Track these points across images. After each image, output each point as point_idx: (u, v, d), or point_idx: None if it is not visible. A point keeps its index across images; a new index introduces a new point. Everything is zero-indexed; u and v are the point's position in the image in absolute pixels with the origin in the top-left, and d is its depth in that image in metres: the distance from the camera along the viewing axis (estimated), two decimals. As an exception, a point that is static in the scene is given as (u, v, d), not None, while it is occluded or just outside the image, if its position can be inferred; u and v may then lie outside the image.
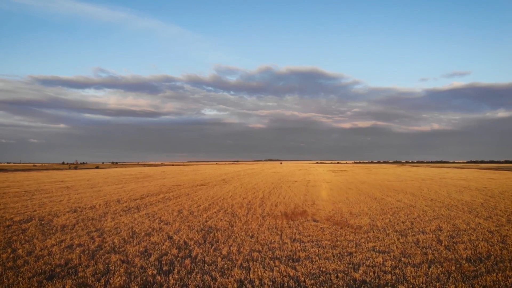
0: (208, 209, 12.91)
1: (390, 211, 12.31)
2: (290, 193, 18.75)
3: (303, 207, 13.30)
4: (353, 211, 12.40)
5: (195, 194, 18.41)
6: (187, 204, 14.22)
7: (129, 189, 22.24)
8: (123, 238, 8.08)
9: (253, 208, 12.98)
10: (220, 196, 17.59)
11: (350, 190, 20.59)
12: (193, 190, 21.21)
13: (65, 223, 10.20)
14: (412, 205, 14.08)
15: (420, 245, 7.51)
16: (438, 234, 8.68)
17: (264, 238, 8.05)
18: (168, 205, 14.15)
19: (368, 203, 14.62)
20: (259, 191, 19.93)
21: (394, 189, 21.31)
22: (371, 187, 22.74)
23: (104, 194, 18.66)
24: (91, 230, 9.10)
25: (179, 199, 16.34)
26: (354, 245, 7.49)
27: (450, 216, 11.35)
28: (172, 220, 10.40)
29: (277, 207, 13.40)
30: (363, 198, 16.57)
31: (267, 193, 19.10)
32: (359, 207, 13.40)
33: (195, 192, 19.91)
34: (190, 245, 7.45)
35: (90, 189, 22.11)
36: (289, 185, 24.74)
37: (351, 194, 18.46)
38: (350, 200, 15.73)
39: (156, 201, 15.40)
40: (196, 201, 15.44)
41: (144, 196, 17.50)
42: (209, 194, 18.38)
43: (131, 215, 11.50)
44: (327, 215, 11.40)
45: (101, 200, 15.83)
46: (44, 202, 15.61)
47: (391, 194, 18.18)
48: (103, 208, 13.39)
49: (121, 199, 16.38)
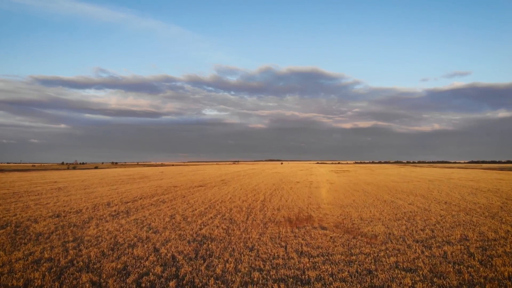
0: (204, 214, 11.77)
1: (405, 216, 11.16)
2: (293, 196, 17.60)
3: (308, 212, 12.14)
4: (364, 216, 11.25)
5: (191, 197, 17.27)
6: (182, 208, 13.08)
7: (123, 190, 21.12)
8: (101, 251, 6.93)
9: (254, 213, 11.84)
10: (218, 198, 16.45)
11: (356, 192, 19.43)
12: (190, 192, 20.07)
13: (42, 231, 9.07)
14: (426, 209, 12.92)
15: (450, 260, 6.36)
16: (467, 245, 7.52)
17: (266, 251, 6.90)
18: (161, 209, 13.01)
19: (378, 206, 13.47)
20: (259, 193, 18.79)
21: (403, 191, 20.15)
22: (377, 189, 21.58)
23: (95, 196, 17.54)
24: (68, 240, 7.97)
25: (173, 202, 15.21)
26: (372, 260, 6.34)
27: (473, 222, 10.19)
28: (162, 228, 9.26)
29: (280, 211, 12.25)
30: (372, 201, 15.41)
31: (268, 195, 17.96)
32: (370, 211, 12.25)
33: (192, 194, 18.77)
34: (179, 260, 6.30)
35: (82, 191, 20.99)
36: (291, 187, 23.60)
37: (358, 196, 17.30)
38: (358, 203, 14.58)
39: (148, 204, 14.26)
40: (192, 204, 14.30)
41: (137, 199, 16.37)
42: (206, 197, 17.24)
43: (118, 221, 10.36)
44: (335, 221, 10.25)
45: (90, 203, 14.70)
46: (29, 205, 14.49)
47: (401, 197, 17.02)
48: (89, 212, 12.26)
49: (112, 202, 15.25)
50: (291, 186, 23.80)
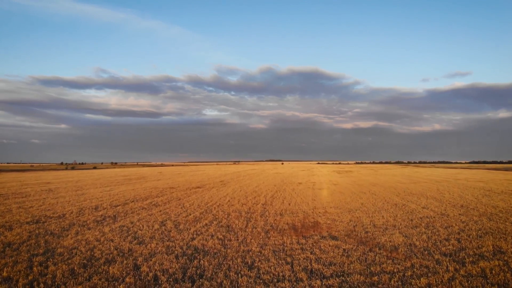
0: (198, 219, 10.63)
1: (422, 223, 10.00)
2: (296, 198, 16.45)
3: (314, 217, 10.99)
4: (377, 222, 10.10)
5: (187, 199, 16.13)
6: (175, 213, 11.94)
7: (116, 192, 19.99)
8: (71, 269, 5.80)
9: (254, 218, 10.70)
10: (216, 201, 15.31)
11: (363, 194, 18.27)
12: (186, 193, 18.93)
13: (13, 240, 7.95)
14: (443, 213, 11.77)
15: (493, 282, 5.22)
16: (504, 259, 6.38)
17: (268, 269, 5.75)
18: (152, 213, 11.87)
19: (390, 211, 12.31)
20: (260, 196, 17.64)
21: (412, 193, 18.98)
22: (385, 190, 20.42)
23: (85, 199, 16.42)
24: (38, 253, 6.84)
25: (167, 205, 14.07)
26: (399, 282, 5.20)
27: (500, 229, 9.04)
28: (149, 237, 8.12)
29: (283, 217, 11.10)
30: (382, 204, 14.26)
31: (269, 197, 16.81)
32: (382, 216, 11.10)
33: (188, 196, 17.63)
34: (161, 282, 5.16)
35: (73, 192, 19.88)
36: (293, 188, 22.45)
37: (366, 199, 16.14)
38: (367, 206, 13.43)
39: (139, 208, 13.13)
40: (187, 208, 13.16)
41: (128, 202, 15.24)
42: (203, 199, 16.10)
43: (102, 229, 9.22)
44: (346, 229, 9.11)
45: (76, 207, 13.58)
46: (11, 208, 13.38)
47: (412, 199, 15.86)
48: (73, 217, 11.13)
49: (100, 205, 14.12)
50: (293, 188, 22.65)
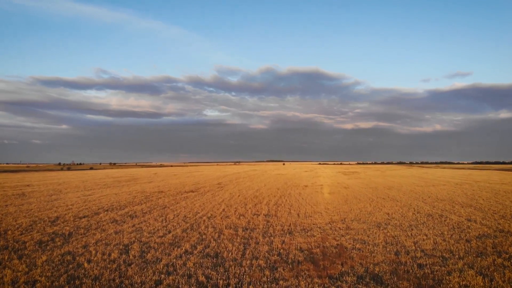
0: (178, 241, 7.85)
1: (487, 246, 7.22)
2: (305, 206, 13.66)
3: (336, 237, 8.21)
4: (423, 245, 7.33)
5: (173, 208, 13.36)
6: (150, 230, 9.17)
7: (95, 197, 17.25)
8: None
9: (254, 240, 7.92)
10: (208, 210, 12.54)
11: (384, 201, 15.48)
12: (175, 200, 16.16)
13: None
14: (501, 229, 8.99)
15: None
16: None
17: None
18: (120, 230, 9.11)
19: (429, 225, 9.52)
20: (262, 202, 14.86)
21: (438, 198, 16.18)
22: (405, 195, 17.62)
23: (52, 207, 13.68)
24: None
25: (146, 216, 11.30)
26: None
27: None
28: (92, 279, 5.34)
29: (293, 236, 8.31)
30: (412, 214, 11.48)
31: (273, 205, 14.03)
32: (425, 235, 8.31)
33: (176, 203, 14.86)
34: None
35: (45, 198, 17.14)
36: (299, 192, 19.66)
37: (390, 207, 13.36)
38: (397, 219, 10.64)
39: (109, 221, 10.37)
40: (169, 221, 10.39)
41: (101, 211, 12.48)
42: (193, 208, 13.33)
43: (35, 258, 6.46)
44: (387, 259, 6.33)
45: (32, 218, 10.82)
46: (-49, 220, 10.66)
47: (445, 207, 13.06)
48: (14, 235, 8.38)
49: (63, 216, 11.37)
50: (300, 192, 19.86)
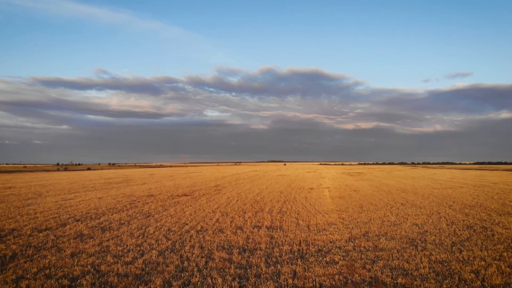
0: (148, 273, 5.78)
1: None
2: (315, 215, 11.57)
3: (366, 264, 6.12)
4: (487, 276, 5.25)
5: (159, 217, 11.29)
6: (118, 251, 7.09)
7: (74, 202, 15.22)
8: None
9: (254, 271, 5.85)
10: (199, 221, 10.48)
11: (404, 207, 13.39)
12: (163, 206, 14.09)
13: None
14: None
15: None
16: None
17: None
18: (81, 249, 7.04)
19: (477, 243, 7.43)
20: (264, 210, 12.77)
21: (465, 204, 14.08)
22: (425, 200, 15.51)
23: (17, 214, 11.65)
24: None
25: (122, 229, 9.24)
26: None
27: None
28: None
29: (308, 265, 6.22)
30: (446, 226, 9.40)
31: (276, 213, 11.96)
32: (479, 258, 6.23)
33: (164, 210, 12.80)
34: None
35: (19, 202, 15.12)
36: (305, 196, 17.58)
37: (415, 215, 11.26)
38: (431, 232, 8.55)
39: (73, 236, 8.31)
40: (146, 237, 8.32)
41: (70, 221, 10.43)
42: (181, 216, 11.26)
43: None
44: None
45: (-20, 232, 8.78)
46: None
47: (481, 216, 10.96)
48: None
49: (21, 228, 9.32)
50: (305, 196, 17.77)
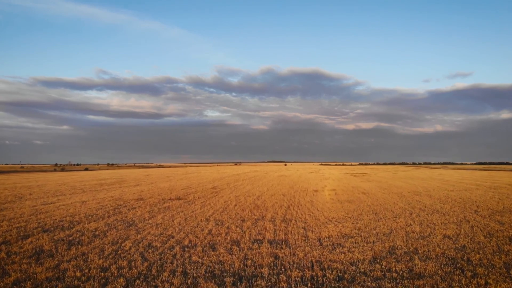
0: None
1: None
2: (326, 224, 9.90)
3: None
4: None
5: (142, 226, 9.63)
6: (72, 281, 5.44)
7: (52, 207, 13.60)
8: None
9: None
10: (188, 232, 8.82)
11: (424, 213, 11.73)
12: (152, 212, 12.44)
13: None
14: None
15: None
16: None
17: None
18: (29, 275, 5.39)
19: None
20: (265, 217, 11.11)
21: (492, 209, 12.44)
22: (446, 205, 13.84)
23: (-22, 224, 10.01)
24: None
25: (93, 244, 7.59)
26: None
27: None
28: None
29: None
30: (485, 238, 7.76)
31: (280, 221, 10.30)
32: None
33: (151, 217, 11.14)
34: None
35: (-9, 208, 13.51)
36: (310, 200, 15.92)
37: (441, 224, 9.60)
38: (471, 247, 6.90)
39: (27, 255, 6.67)
40: (119, 256, 6.66)
41: (36, 232, 8.80)
42: (168, 226, 9.60)
43: None
44: None
45: None
46: None
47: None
48: None
49: (-29, 242, 7.67)
50: (311, 199, 16.11)
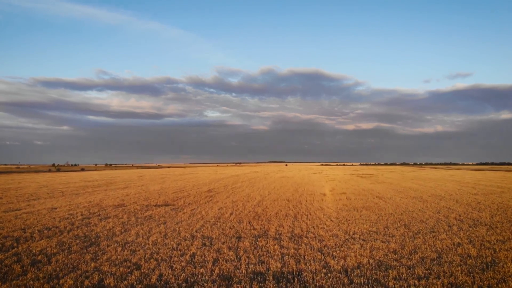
0: None
1: None
2: (349, 245, 7.52)
3: None
4: None
5: (104, 246, 7.28)
6: None
7: (14, 216, 11.29)
8: None
9: None
10: (160, 260, 6.47)
11: (464, 224, 9.39)
12: (126, 224, 10.10)
13: None
14: None
15: None
16: None
17: None
18: None
19: None
20: (268, 233, 8.75)
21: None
22: (481, 212, 11.49)
23: None
24: None
25: (16, 282, 5.25)
26: None
27: None
28: None
29: None
30: None
31: (288, 238, 7.94)
32: None
33: (122, 232, 8.81)
34: None
35: None
36: (320, 206, 13.57)
37: (496, 240, 7.25)
38: None
39: None
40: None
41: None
42: (138, 249, 7.25)
43: None
44: None
45: None
46: None
47: None
48: None
49: None
50: (320, 205, 13.75)
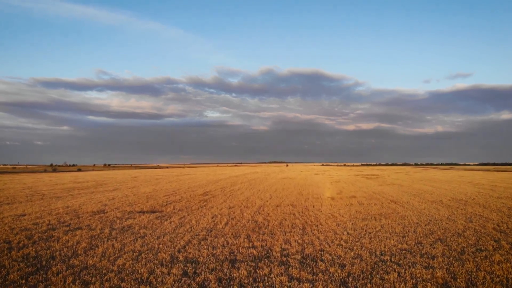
0: None
1: None
2: (383, 272, 5.69)
3: None
4: None
5: (51, 274, 5.44)
6: None
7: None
8: None
9: None
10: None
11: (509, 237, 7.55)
12: (96, 239, 8.27)
13: None
14: None
15: None
16: None
17: None
18: None
19: None
20: (271, 253, 6.92)
21: None
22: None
23: None
24: None
25: None
26: None
27: None
28: None
29: None
30: None
31: (297, 261, 6.13)
32: None
33: (88, 250, 6.99)
34: None
35: None
36: (331, 213, 11.74)
37: None
38: None
39: None
40: None
41: None
42: (98, 276, 5.42)
43: None
44: None
45: None
46: None
47: None
48: None
49: None
50: (332, 213, 11.92)
